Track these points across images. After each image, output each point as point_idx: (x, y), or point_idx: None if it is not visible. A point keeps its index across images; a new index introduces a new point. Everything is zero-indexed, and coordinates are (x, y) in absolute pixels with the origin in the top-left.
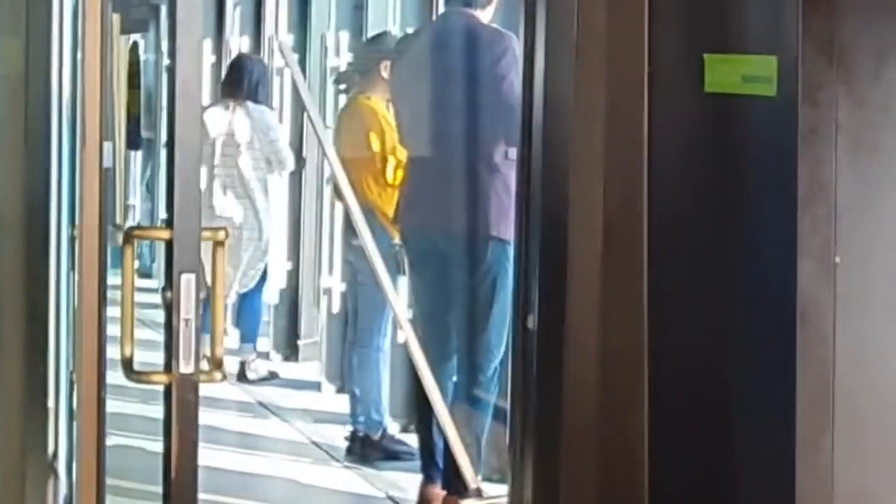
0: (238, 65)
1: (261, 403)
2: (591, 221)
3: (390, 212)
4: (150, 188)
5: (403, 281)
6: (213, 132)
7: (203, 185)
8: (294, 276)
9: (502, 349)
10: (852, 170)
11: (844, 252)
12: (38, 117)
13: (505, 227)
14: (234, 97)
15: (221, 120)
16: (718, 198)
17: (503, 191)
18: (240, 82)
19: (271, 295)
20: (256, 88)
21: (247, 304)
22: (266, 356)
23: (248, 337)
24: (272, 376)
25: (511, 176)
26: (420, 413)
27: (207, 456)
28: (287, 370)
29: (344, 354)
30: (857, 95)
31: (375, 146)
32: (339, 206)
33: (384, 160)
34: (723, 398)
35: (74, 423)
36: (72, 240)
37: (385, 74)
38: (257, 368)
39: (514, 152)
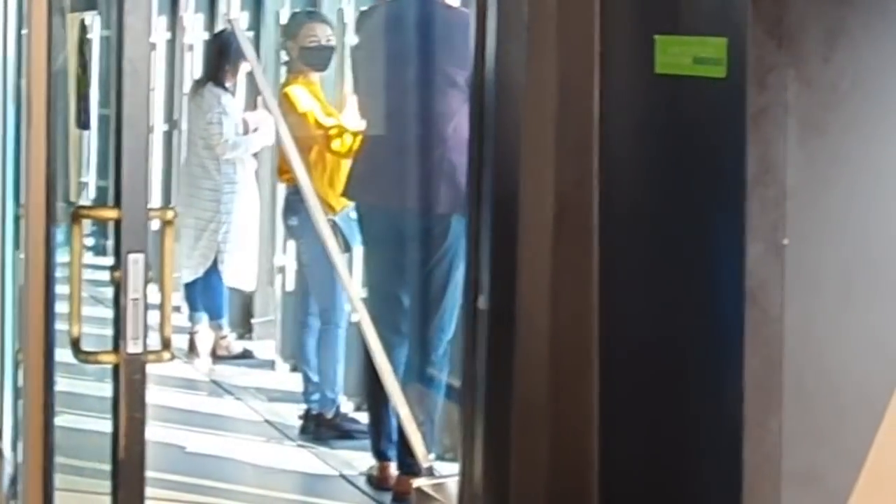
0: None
1: (215, 382)
2: (542, 201)
3: (320, 189)
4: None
5: (344, 257)
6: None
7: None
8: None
9: (453, 327)
10: (802, 151)
11: (793, 234)
12: None
13: (461, 201)
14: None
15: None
16: (668, 179)
17: (457, 164)
18: (205, 62)
19: (249, 280)
20: (216, 68)
21: (209, 283)
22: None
23: (216, 314)
24: (245, 354)
25: (462, 148)
26: (372, 392)
27: (160, 434)
28: (241, 348)
29: (297, 333)
30: (807, 77)
31: (300, 128)
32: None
33: (312, 139)
34: (671, 378)
35: (19, 402)
36: (17, 218)
37: (294, 53)
38: (229, 346)
39: (463, 125)
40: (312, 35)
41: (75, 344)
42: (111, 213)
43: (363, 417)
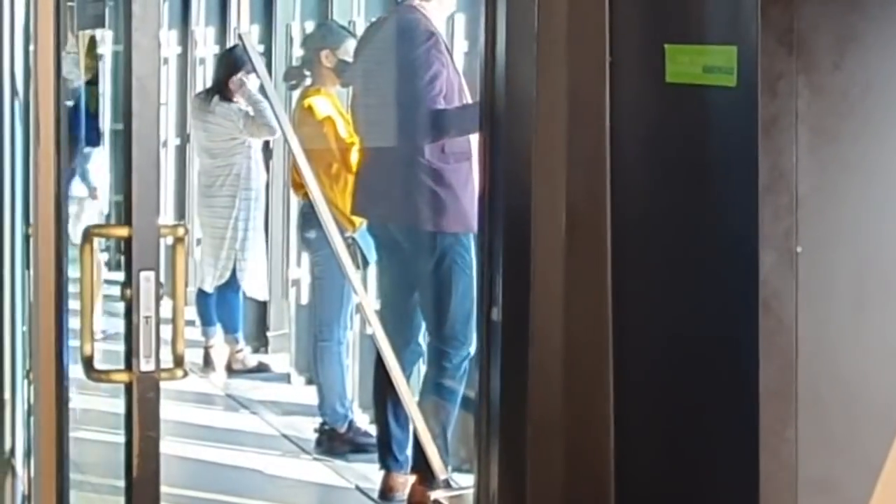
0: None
1: (230, 396)
2: (553, 212)
3: (341, 204)
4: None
5: (360, 275)
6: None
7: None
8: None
9: (471, 340)
10: (813, 159)
11: (806, 241)
12: None
13: (447, 220)
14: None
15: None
16: (680, 188)
17: (441, 185)
18: (214, 76)
19: (261, 291)
20: (224, 83)
21: (224, 296)
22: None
23: (231, 328)
24: (260, 368)
25: (448, 170)
26: (377, 402)
27: (175, 449)
28: (256, 362)
29: (310, 347)
30: (817, 85)
31: (322, 140)
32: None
33: (333, 153)
34: (687, 388)
35: (31, 419)
36: (26, 238)
37: (328, 64)
38: (244, 359)
39: (451, 146)
40: (350, 49)
41: (87, 362)
42: (122, 231)
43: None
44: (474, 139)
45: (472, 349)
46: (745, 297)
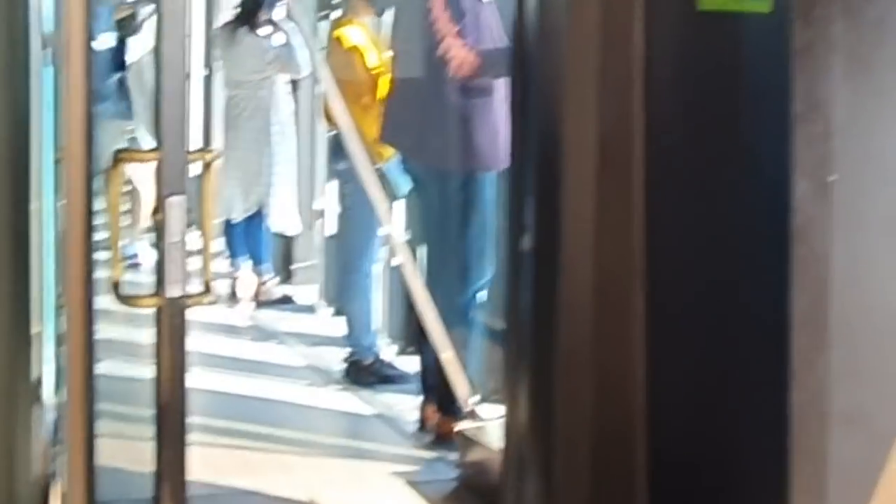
0: None
1: (256, 327)
2: (585, 141)
3: (371, 135)
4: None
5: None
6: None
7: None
8: None
9: (484, 273)
10: (847, 87)
11: (840, 170)
12: (18, 35)
13: (463, 156)
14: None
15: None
16: (713, 117)
17: (460, 121)
18: (241, 6)
19: (293, 225)
20: (252, 13)
21: (252, 228)
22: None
23: (258, 259)
24: (286, 299)
25: (468, 105)
26: (418, 334)
27: (202, 379)
28: (282, 293)
29: (339, 279)
30: (852, 12)
31: (350, 71)
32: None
33: (362, 83)
34: (717, 318)
35: (61, 349)
36: (56, 163)
37: None
38: (271, 290)
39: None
40: None
41: (116, 288)
42: (151, 157)
43: (403, 362)
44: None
45: (485, 282)
46: (778, 226)
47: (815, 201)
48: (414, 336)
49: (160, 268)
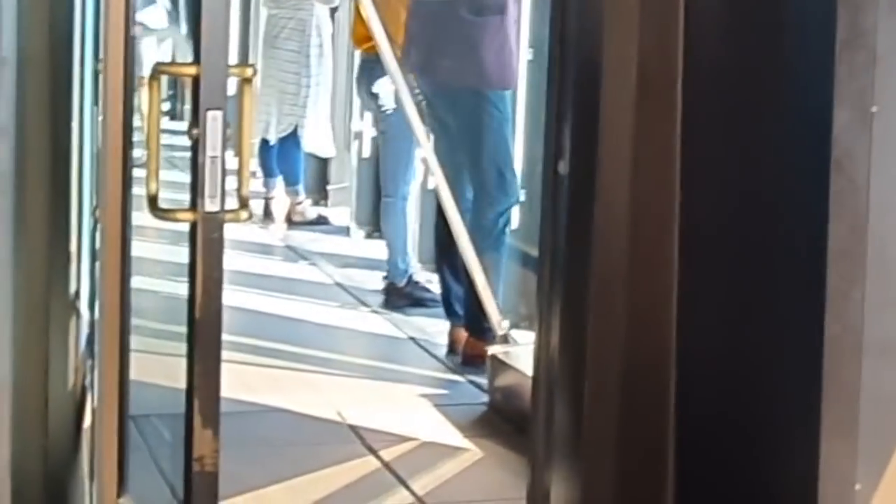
0: None
1: (289, 247)
2: (625, 68)
3: None
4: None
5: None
6: None
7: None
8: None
9: (508, 195)
10: (893, 16)
11: (882, 100)
12: None
13: (474, 76)
14: None
15: None
16: (754, 44)
17: (470, 40)
18: None
19: (328, 147)
20: None
21: (286, 148)
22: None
23: (293, 180)
24: (320, 220)
25: (478, 23)
26: (438, 257)
27: (234, 297)
28: (316, 214)
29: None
30: None
31: None
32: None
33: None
34: (753, 247)
35: (97, 263)
36: (95, 74)
37: None
38: (304, 211)
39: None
40: None
41: (153, 201)
42: (190, 70)
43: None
44: None
45: (509, 205)
46: (817, 155)
47: (855, 132)
48: (436, 258)
49: (196, 183)
